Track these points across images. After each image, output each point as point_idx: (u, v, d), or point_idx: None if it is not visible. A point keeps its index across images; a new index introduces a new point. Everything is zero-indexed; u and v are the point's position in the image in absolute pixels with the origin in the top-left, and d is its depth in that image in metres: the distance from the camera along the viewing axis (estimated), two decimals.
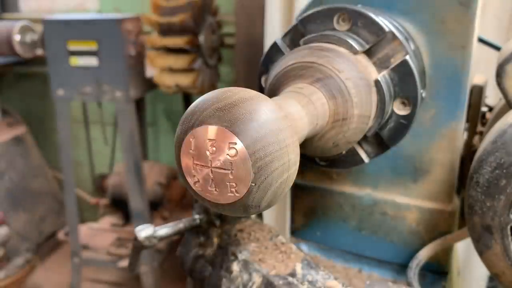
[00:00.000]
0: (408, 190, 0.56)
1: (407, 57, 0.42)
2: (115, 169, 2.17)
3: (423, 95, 0.48)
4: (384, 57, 0.43)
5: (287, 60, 0.41)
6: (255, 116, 0.27)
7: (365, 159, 0.46)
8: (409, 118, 0.44)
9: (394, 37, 0.42)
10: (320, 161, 0.48)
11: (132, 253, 0.52)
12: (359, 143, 0.46)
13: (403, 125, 0.45)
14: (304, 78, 0.40)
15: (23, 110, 2.34)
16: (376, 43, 0.43)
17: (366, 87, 0.40)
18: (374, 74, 0.42)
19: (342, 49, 0.41)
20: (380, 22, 0.42)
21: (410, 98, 0.44)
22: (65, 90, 1.72)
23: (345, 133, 0.40)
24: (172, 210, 2.04)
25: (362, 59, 0.42)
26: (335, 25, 0.43)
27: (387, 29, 0.42)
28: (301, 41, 0.44)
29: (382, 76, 0.42)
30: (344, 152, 0.44)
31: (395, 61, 0.43)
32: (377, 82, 0.41)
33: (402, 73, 0.43)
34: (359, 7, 0.43)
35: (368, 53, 0.43)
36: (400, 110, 0.45)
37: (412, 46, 0.46)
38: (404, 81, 0.43)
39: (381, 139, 0.45)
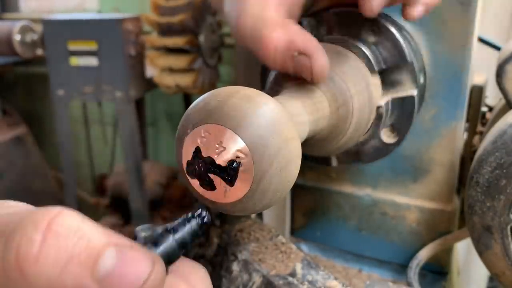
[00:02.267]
0: (408, 190, 0.56)
1: (415, 93, 0.42)
2: (115, 169, 2.17)
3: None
4: (393, 82, 0.43)
5: None
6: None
7: (334, 163, 0.46)
8: (392, 147, 0.45)
9: (412, 68, 0.42)
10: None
11: None
12: None
13: (385, 150, 0.45)
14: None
15: (23, 110, 2.34)
16: (393, 68, 0.43)
17: (368, 103, 0.40)
18: (379, 94, 0.42)
19: (358, 60, 0.41)
20: (405, 49, 0.42)
21: (400, 131, 0.44)
22: (65, 90, 1.72)
23: (341, 138, 0.40)
24: (172, 210, 2.04)
25: (375, 78, 0.42)
26: (363, 34, 0.43)
27: (409, 59, 0.42)
28: (325, 38, 0.44)
29: (386, 103, 0.42)
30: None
31: (402, 90, 0.43)
32: (379, 108, 0.41)
33: (404, 106, 0.43)
34: (389, 24, 0.42)
35: (382, 72, 0.43)
36: (386, 137, 0.45)
37: (422, 80, 0.46)
38: (402, 114, 0.43)
39: (359, 155, 0.45)
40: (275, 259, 0.48)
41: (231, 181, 0.27)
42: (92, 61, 1.67)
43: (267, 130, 0.27)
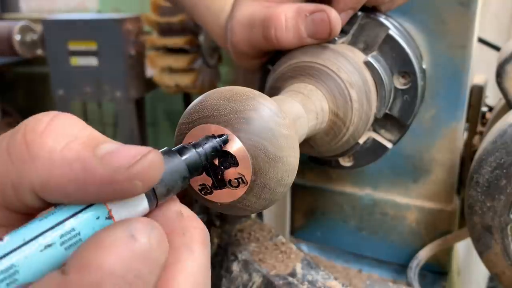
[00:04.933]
0: (408, 190, 0.56)
1: (390, 32, 0.42)
2: None
3: (424, 66, 0.48)
4: (368, 41, 0.44)
5: (287, 59, 0.41)
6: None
7: (388, 145, 0.46)
8: (412, 89, 0.45)
9: (370, 18, 0.43)
10: (344, 161, 0.48)
11: None
12: (376, 131, 0.46)
13: (409, 97, 0.45)
14: (304, 77, 0.40)
15: (23, 110, 2.33)
16: (355, 31, 0.43)
17: (359, 69, 0.41)
18: (363, 58, 0.43)
19: (343, 50, 0.41)
20: (383, 22, 0.43)
21: (407, 69, 0.44)
22: (65, 90, 1.72)
23: (346, 130, 0.40)
24: None
25: (348, 48, 0.42)
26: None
27: (358, 14, 0.43)
28: None
29: (371, 56, 0.42)
30: (361, 142, 0.44)
31: (380, 39, 0.43)
32: (367, 63, 0.42)
33: (390, 48, 0.43)
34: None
35: (353, 42, 0.44)
36: (401, 84, 0.45)
37: (395, 23, 0.46)
38: (395, 55, 0.44)
39: (395, 119, 0.46)
40: (275, 259, 0.48)
41: (230, 180, 0.27)
42: (92, 61, 1.67)
43: (263, 128, 0.27)
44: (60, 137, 0.19)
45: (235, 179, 0.27)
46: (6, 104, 2.22)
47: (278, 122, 0.28)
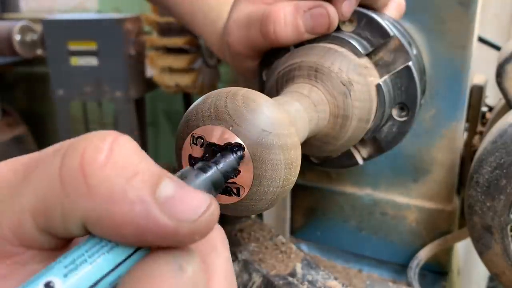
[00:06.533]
0: (408, 190, 0.56)
1: (410, 63, 0.42)
2: None
3: (422, 101, 0.48)
4: (386, 61, 0.43)
5: (287, 60, 0.41)
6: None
7: (360, 161, 0.46)
8: (406, 124, 0.44)
9: (398, 42, 0.42)
10: (315, 159, 0.48)
11: None
12: (355, 145, 0.46)
13: (401, 131, 0.45)
14: (304, 78, 0.40)
15: (23, 110, 2.34)
16: (379, 47, 0.42)
17: (367, 89, 0.40)
18: (375, 77, 0.42)
19: (344, 50, 0.41)
20: (385, 26, 0.42)
21: (409, 104, 0.44)
22: (65, 90, 1.72)
23: (345, 133, 0.40)
24: None
25: (365, 61, 0.42)
26: (341, 26, 0.43)
27: (391, 33, 0.42)
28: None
29: (384, 81, 0.42)
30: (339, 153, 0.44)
31: (397, 66, 0.42)
32: (378, 86, 0.41)
33: (404, 79, 0.43)
34: (364, 9, 0.42)
35: (371, 55, 0.43)
36: (398, 116, 0.45)
37: (415, 51, 0.45)
38: (405, 87, 0.43)
39: (378, 143, 0.45)
40: (275, 259, 0.48)
41: (231, 181, 0.27)
42: (92, 61, 1.67)
43: (263, 128, 0.27)
44: (121, 171, 0.17)
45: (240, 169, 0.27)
46: (6, 104, 2.22)
47: (278, 122, 0.28)
